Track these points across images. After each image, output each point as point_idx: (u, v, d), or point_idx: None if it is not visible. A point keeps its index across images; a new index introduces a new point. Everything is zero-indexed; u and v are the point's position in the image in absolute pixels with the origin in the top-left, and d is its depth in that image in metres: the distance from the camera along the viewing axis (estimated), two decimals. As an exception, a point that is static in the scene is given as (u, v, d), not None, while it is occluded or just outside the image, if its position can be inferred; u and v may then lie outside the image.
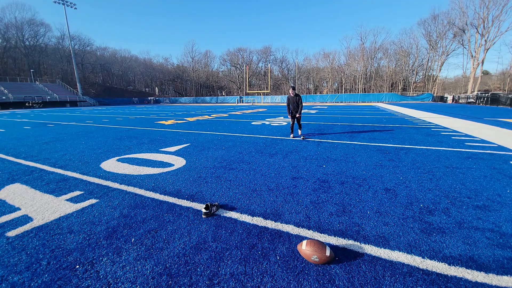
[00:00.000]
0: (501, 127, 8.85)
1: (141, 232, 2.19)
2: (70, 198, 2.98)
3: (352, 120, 12.02)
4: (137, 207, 2.70)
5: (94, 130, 9.56)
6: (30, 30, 57.99)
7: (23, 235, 2.18)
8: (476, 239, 2.02)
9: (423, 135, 7.24)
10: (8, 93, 39.61)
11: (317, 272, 1.68)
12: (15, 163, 4.69)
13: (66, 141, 7.04)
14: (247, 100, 56.79)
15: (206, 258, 1.84)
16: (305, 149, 5.56)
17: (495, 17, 42.27)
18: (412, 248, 1.92)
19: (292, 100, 6.78)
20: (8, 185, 3.46)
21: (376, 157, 4.73)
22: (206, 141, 6.76)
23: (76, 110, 29.67)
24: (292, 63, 71.04)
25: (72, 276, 1.66)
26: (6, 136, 8.28)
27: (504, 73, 50.13)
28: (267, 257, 1.84)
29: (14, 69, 54.64)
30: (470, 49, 46.97)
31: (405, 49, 56.61)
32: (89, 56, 66.80)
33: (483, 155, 4.81)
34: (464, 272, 1.65)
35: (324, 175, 3.71)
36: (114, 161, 4.71)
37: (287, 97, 6.84)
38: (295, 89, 6.83)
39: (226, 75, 74.98)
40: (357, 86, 59.32)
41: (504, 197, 2.83)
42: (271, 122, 11.55)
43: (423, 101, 42.58)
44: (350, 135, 7.50)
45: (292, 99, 6.77)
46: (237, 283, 1.59)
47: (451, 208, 2.57)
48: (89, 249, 1.97)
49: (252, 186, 3.28)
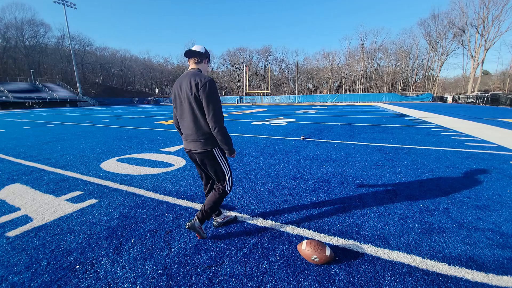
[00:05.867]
0: (501, 127, 8.84)
1: (141, 232, 2.19)
2: (70, 198, 2.98)
3: (352, 120, 12.02)
4: (137, 207, 2.70)
5: (94, 130, 9.56)
6: (30, 30, 58.03)
7: (23, 235, 2.18)
8: (476, 239, 2.02)
9: (423, 135, 7.24)
10: (8, 93, 39.60)
11: (317, 272, 1.68)
12: (15, 163, 4.69)
13: (66, 141, 7.04)
14: (247, 100, 56.77)
15: (206, 258, 1.84)
16: (305, 149, 5.56)
17: (495, 17, 42.30)
18: (412, 248, 1.92)
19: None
20: (8, 185, 3.46)
21: (376, 157, 4.73)
22: (206, 141, 6.74)
23: (76, 110, 29.66)
24: (292, 63, 71.11)
25: (72, 276, 1.66)
26: (6, 136, 8.28)
27: (504, 73, 50.15)
28: (267, 257, 1.84)
29: (14, 69, 54.60)
30: (470, 49, 46.99)
31: (405, 49, 56.65)
32: (89, 56, 66.77)
33: (483, 155, 4.81)
34: (464, 272, 1.65)
35: (324, 175, 3.71)
36: (114, 161, 4.71)
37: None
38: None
39: (226, 75, 74.91)
40: (357, 86, 59.32)
41: (504, 197, 2.83)
42: (271, 122, 11.55)
43: (423, 101, 42.56)
44: (350, 135, 7.50)
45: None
46: (237, 283, 1.59)
47: (451, 208, 2.57)
48: (89, 249, 1.96)
49: (252, 186, 3.28)
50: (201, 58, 1.95)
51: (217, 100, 1.79)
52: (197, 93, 1.76)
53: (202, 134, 1.86)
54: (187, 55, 1.92)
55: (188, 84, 1.79)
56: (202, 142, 1.87)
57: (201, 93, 1.75)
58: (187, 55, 1.92)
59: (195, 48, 1.95)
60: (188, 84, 1.79)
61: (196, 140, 1.87)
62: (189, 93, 1.78)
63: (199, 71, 1.90)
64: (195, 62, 1.94)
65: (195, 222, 1.96)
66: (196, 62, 1.94)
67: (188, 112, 1.84)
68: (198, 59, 1.94)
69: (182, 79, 1.87)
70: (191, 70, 1.90)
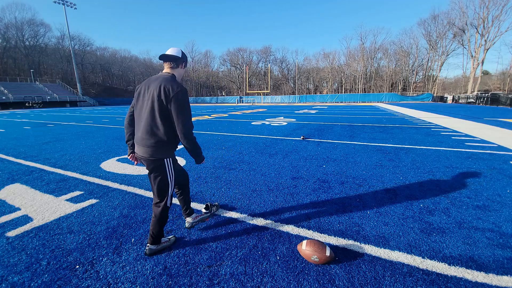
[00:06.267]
0: (501, 127, 8.85)
1: (141, 232, 2.19)
2: (70, 198, 2.98)
3: (352, 120, 12.02)
4: (137, 207, 2.70)
5: (94, 130, 9.56)
6: (30, 30, 58.05)
7: (23, 235, 2.18)
8: (476, 239, 2.02)
9: (423, 135, 7.24)
10: (8, 93, 39.60)
11: (317, 272, 1.68)
12: (15, 163, 4.69)
13: (66, 141, 7.04)
14: (247, 100, 56.77)
15: (206, 258, 1.84)
16: (305, 149, 5.56)
17: (495, 17, 42.29)
18: (412, 248, 1.92)
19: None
20: (8, 185, 3.46)
21: (376, 157, 4.73)
22: (206, 141, 6.76)
23: (76, 110, 29.66)
24: (292, 63, 71.09)
25: (72, 276, 1.66)
26: (6, 136, 8.28)
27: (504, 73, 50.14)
28: (267, 257, 1.84)
29: (14, 69, 54.62)
30: (470, 49, 46.98)
31: (405, 49, 56.62)
32: (89, 56, 66.80)
33: (483, 155, 4.81)
34: (464, 272, 1.65)
35: (324, 175, 3.71)
36: (114, 161, 4.71)
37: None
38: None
39: (226, 75, 74.93)
40: (357, 86, 59.31)
41: (504, 197, 2.83)
42: (271, 122, 11.55)
43: (423, 101, 42.56)
44: (350, 135, 7.50)
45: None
46: (237, 283, 1.59)
47: (451, 208, 2.57)
48: (89, 249, 1.96)
49: (252, 186, 3.28)
50: (176, 63, 1.81)
51: (188, 110, 1.70)
52: (165, 101, 1.64)
53: (156, 141, 1.71)
54: (162, 58, 1.78)
55: (157, 89, 1.65)
56: (154, 149, 1.72)
57: (172, 102, 1.64)
58: (162, 58, 1.78)
59: (170, 51, 1.79)
60: (157, 89, 1.65)
61: (148, 146, 1.72)
62: (156, 98, 1.65)
63: (173, 77, 1.77)
64: (170, 66, 1.79)
65: (150, 247, 1.87)
66: (171, 67, 1.80)
67: (149, 115, 1.69)
68: (173, 64, 1.79)
69: (153, 81, 1.73)
70: (164, 74, 1.76)
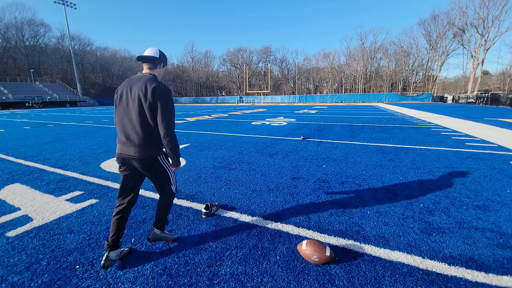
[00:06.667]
0: (501, 127, 8.85)
1: (141, 232, 2.19)
2: (70, 198, 2.98)
3: (352, 120, 12.02)
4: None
5: (94, 130, 9.57)
6: (30, 30, 58.07)
7: (23, 235, 2.18)
8: (476, 239, 2.02)
9: (423, 135, 7.24)
10: (8, 93, 39.61)
11: (317, 272, 1.68)
12: (15, 163, 4.69)
13: (66, 141, 7.04)
14: (247, 100, 56.76)
15: (206, 258, 1.84)
16: (305, 149, 5.56)
17: (495, 17, 42.28)
18: (412, 248, 1.92)
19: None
20: (8, 185, 3.46)
21: (376, 157, 4.73)
22: (206, 141, 6.76)
23: (76, 110, 29.66)
24: (292, 63, 71.04)
25: (72, 276, 1.66)
26: (6, 136, 8.28)
27: (504, 73, 50.13)
28: (267, 257, 1.84)
29: (14, 69, 54.65)
30: (470, 49, 46.97)
31: (405, 49, 56.59)
32: (89, 56, 66.80)
33: (483, 155, 4.81)
34: (464, 272, 1.65)
35: (324, 175, 3.71)
36: (114, 161, 4.71)
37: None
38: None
39: (226, 75, 74.89)
40: (357, 86, 59.29)
41: (504, 197, 2.83)
42: (271, 122, 11.56)
43: (423, 101, 42.56)
44: (350, 135, 7.50)
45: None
46: (237, 283, 1.59)
47: (451, 208, 2.57)
48: (89, 249, 1.96)
49: (252, 186, 3.28)
50: (154, 63, 1.80)
51: (171, 109, 1.72)
52: (152, 100, 1.64)
53: (149, 139, 1.73)
54: (140, 60, 1.79)
55: (142, 89, 1.65)
56: (147, 147, 1.73)
57: (157, 100, 1.65)
58: (140, 60, 1.79)
59: (148, 52, 1.78)
60: (142, 89, 1.65)
61: (141, 146, 1.71)
62: (142, 98, 1.65)
63: (155, 77, 1.77)
64: (149, 67, 1.79)
65: (154, 231, 2.01)
66: (149, 68, 1.79)
67: (137, 116, 1.68)
68: (151, 65, 1.79)
69: (135, 81, 1.72)
70: (145, 75, 1.76)
